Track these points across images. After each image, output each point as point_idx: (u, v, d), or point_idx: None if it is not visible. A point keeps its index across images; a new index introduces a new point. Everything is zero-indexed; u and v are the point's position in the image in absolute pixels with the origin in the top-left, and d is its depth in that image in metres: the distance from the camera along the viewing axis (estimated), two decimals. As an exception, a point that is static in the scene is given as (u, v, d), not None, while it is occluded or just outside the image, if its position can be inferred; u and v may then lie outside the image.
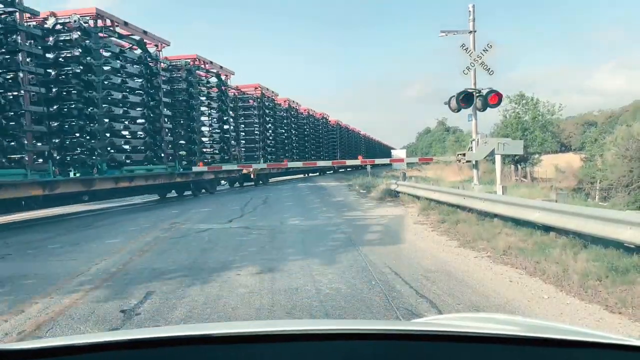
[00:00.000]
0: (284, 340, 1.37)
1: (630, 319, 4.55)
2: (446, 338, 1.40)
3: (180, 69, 22.30)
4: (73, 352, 1.30)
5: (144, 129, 18.94)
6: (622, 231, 6.22)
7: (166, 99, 20.40)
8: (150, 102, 18.98)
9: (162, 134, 19.99)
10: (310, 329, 1.46)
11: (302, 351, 1.36)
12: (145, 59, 18.77)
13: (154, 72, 19.41)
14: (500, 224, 9.65)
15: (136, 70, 18.48)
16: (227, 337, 1.38)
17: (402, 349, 1.35)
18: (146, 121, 19.00)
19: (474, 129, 14.54)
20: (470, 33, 13.96)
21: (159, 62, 19.99)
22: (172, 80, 21.94)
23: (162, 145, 20.05)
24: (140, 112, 18.80)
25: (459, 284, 5.94)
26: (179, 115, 22.25)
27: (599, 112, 74.63)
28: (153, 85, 19.31)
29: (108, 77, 16.40)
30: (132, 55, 18.36)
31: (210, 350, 1.35)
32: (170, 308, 5.15)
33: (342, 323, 2.28)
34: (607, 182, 22.97)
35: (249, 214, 14.50)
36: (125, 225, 12.72)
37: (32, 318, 4.94)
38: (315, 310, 4.97)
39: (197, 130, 23.48)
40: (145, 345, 1.35)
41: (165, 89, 20.69)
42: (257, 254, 8.16)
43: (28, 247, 9.53)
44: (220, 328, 1.49)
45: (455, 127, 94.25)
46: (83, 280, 6.50)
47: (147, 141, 18.94)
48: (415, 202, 15.28)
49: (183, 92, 22.28)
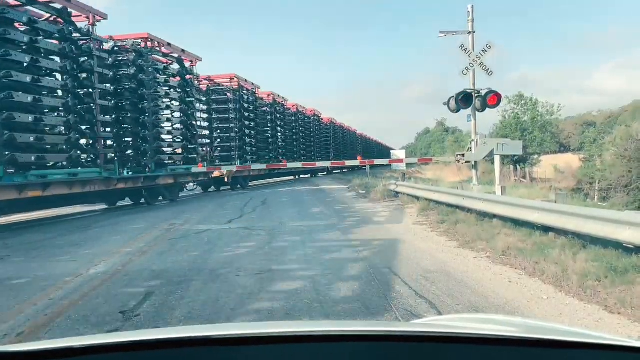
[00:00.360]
0: (284, 342, 1.37)
1: (630, 319, 4.55)
2: (446, 339, 1.40)
3: (127, 51, 18.03)
4: (72, 355, 1.30)
5: (67, 122, 14.54)
6: (621, 231, 6.23)
7: (102, 86, 16.73)
8: (76, 90, 14.89)
9: (96, 129, 16.14)
10: (310, 331, 1.46)
11: (302, 353, 1.35)
12: (70, 34, 14.68)
13: (84, 51, 15.60)
14: (500, 224, 9.66)
15: (55, 47, 14.37)
16: (226, 339, 1.38)
17: (401, 350, 1.35)
18: (71, 113, 14.55)
19: (473, 129, 14.55)
20: (469, 34, 13.97)
21: (93, 41, 16.08)
22: (116, 65, 17.73)
23: (95, 143, 16.14)
24: (63, 102, 14.53)
25: (458, 284, 5.94)
26: (124, 108, 18.10)
27: (598, 112, 74.76)
28: (83, 67, 15.52)
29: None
30: (50, 28, 14.21)
31: (210, 352, 1.34)
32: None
33: (342, 324, 2.28)
34: (606, 183, 22.99)
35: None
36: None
37: (31, 319, 4.93)
38: (312, 308, 4.97)
39: (150, 126, 18.76)
40: (144, 347, 1.34)
41: (106, 75, 17.06)
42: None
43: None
44: (220, 330, 1.48)
45: (455, 127, 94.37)
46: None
47: (71, 138, 14.52)
48: (414, 203, 15.28)
49: (131, 79, 17.92)
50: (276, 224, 11.98)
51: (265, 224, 12.04)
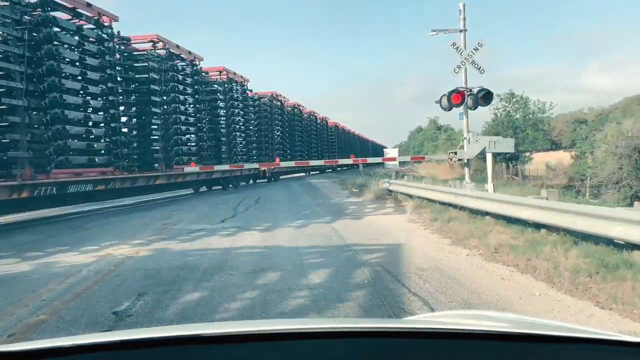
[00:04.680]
0: (277, 339, 1.37)
1: (621, 315, 4.59)
2: (438, 335, 1.41)
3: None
4: (63, 354, 1.29)
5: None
6: (612, 228, 6.29)
7: None
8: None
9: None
10: (303, 328, 1.46)
11: (296, 350, 1.35)
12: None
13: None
14: (492, 221, 9.71)
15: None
16: (219, 337, 1.38)
17: (394, 346, 1.35)
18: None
19: (465, 127, 14.58)
20: (460, 32, 13.99)
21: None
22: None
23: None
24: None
25: (451, 281, 5.97)
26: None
27: (589, 109, 75.13)
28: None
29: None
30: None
31: (203, 349, 1.34)
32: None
33: (335, 321, 2.28)
34: (597, 180, 23.12)
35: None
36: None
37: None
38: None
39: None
40: (137, 346, 1.34)
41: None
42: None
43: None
44: (212, 328, 1.48)
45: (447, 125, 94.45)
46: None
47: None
48: (407, 201, 15.31)
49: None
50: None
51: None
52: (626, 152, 20.84)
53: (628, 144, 20.90)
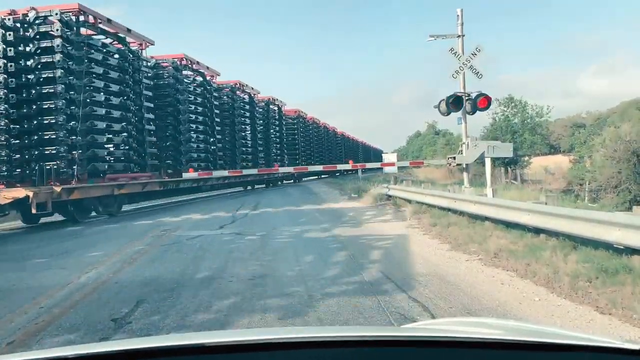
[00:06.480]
0: (277, 348, 1.37)
1: (621, 320, 4.58)
2: (438, 344, 1.41)
3: None
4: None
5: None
6: (611, 232, 6.28)
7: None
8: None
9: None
10: (303, 337, 1.46)
11: (295, 359, 1.35)
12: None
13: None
14: (491, 226, 9.70)
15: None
16: (220, 347, 1.38)
17: (393, 355, 1.35)
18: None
19: (463, 132, 14.62)
20: (458, 37, 14.05)
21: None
22: None
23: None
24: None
25: (450, 286, 5.96)
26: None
27: (587, 113, 75.35)
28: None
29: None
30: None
31: (203, 359, 1.34)
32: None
33: (335, 330, 2.28)
34: (596, 184, 23.16)
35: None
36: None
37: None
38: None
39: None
40: (137, 355, 1.33)
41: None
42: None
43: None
44: (213, 337, 1.48)
45: (446, 130, 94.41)
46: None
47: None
48: (406, 206, 15.31)
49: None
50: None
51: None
52: (625, 156, 20.88)
53: (626, 147, 20.94)
